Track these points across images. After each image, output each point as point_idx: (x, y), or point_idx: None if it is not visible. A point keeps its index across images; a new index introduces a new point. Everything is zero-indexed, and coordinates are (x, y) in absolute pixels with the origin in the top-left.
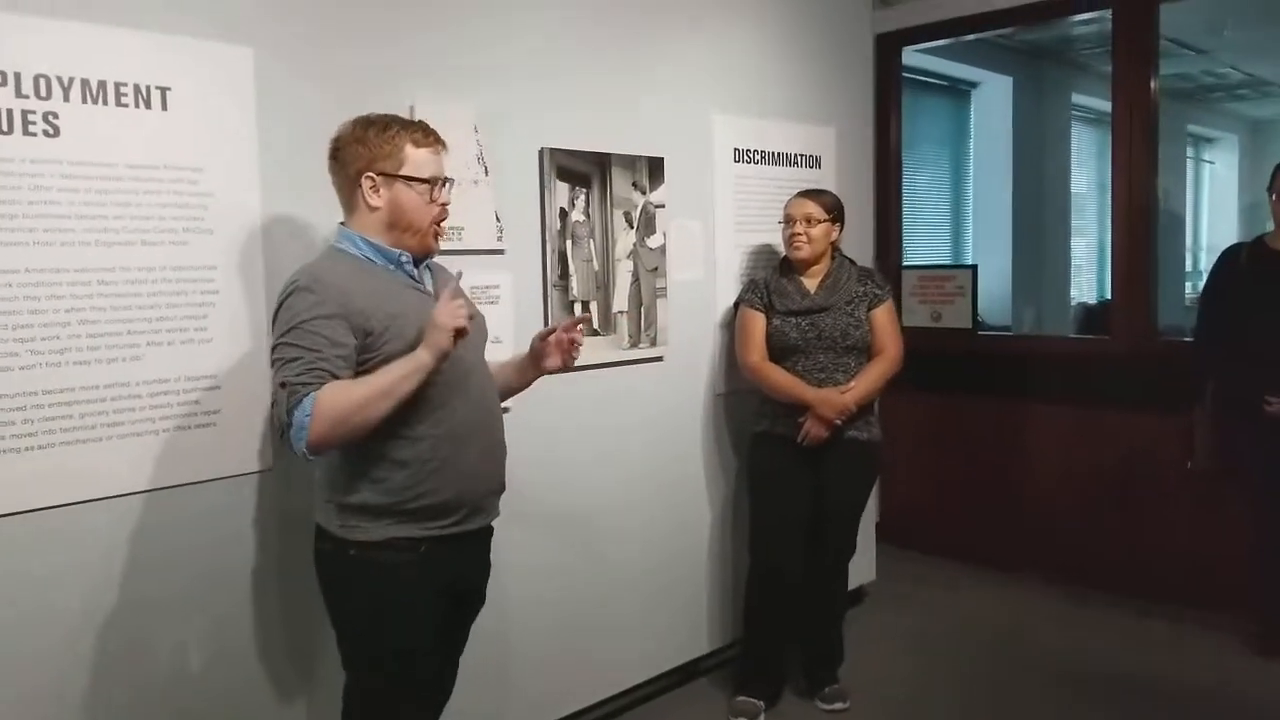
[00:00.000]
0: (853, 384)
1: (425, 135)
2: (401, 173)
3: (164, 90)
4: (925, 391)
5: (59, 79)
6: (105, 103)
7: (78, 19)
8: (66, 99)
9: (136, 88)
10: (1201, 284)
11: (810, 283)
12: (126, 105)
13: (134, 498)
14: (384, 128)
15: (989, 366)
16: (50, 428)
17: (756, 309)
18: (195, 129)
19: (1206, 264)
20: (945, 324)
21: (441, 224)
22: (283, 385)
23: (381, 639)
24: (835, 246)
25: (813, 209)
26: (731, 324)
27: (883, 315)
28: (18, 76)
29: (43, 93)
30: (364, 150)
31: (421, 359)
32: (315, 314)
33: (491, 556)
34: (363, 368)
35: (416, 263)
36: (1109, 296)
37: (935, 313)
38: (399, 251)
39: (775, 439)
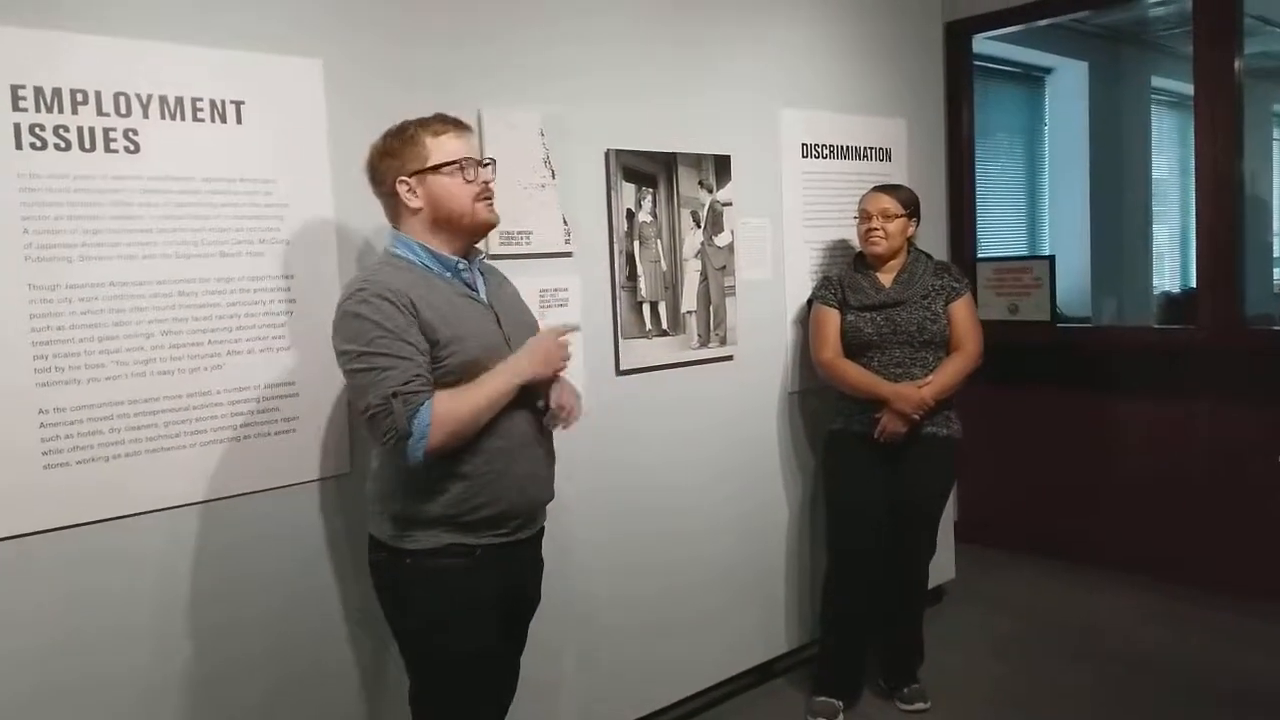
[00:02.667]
0: (930, 378)
1: (443, 124)
2: (429, 164)
3: (238, 104)
4: (1003, 386)
5: (138, 96)
6: (183, 118)
7: (155, 38)
8: (146, 116)
9: (212, 103)
10: None
11: (885, 277)
12: (203, 120)
13: (218, 503)
14: (401, 131)
15: (1069, 359)
16: (136, 436)
17: (831, 305)
18: (268, 141)
19: None
20: (1023, 316)
21: (487, 201)
22: (394, 395)
23: (442, 644)
24: (911, 241)
25: (889, 204)
26: (803, 321)
27: (961, 309)
28: (98, 95)
29: (123, 110)
30: (392, 160)
31: (523, 369)
32: (397, 321)
33: (566, 558)
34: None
35: (468, 263)
36: (1193, 285)
37: (1012, 305)
38: (456, 259)
39: (852, 437)
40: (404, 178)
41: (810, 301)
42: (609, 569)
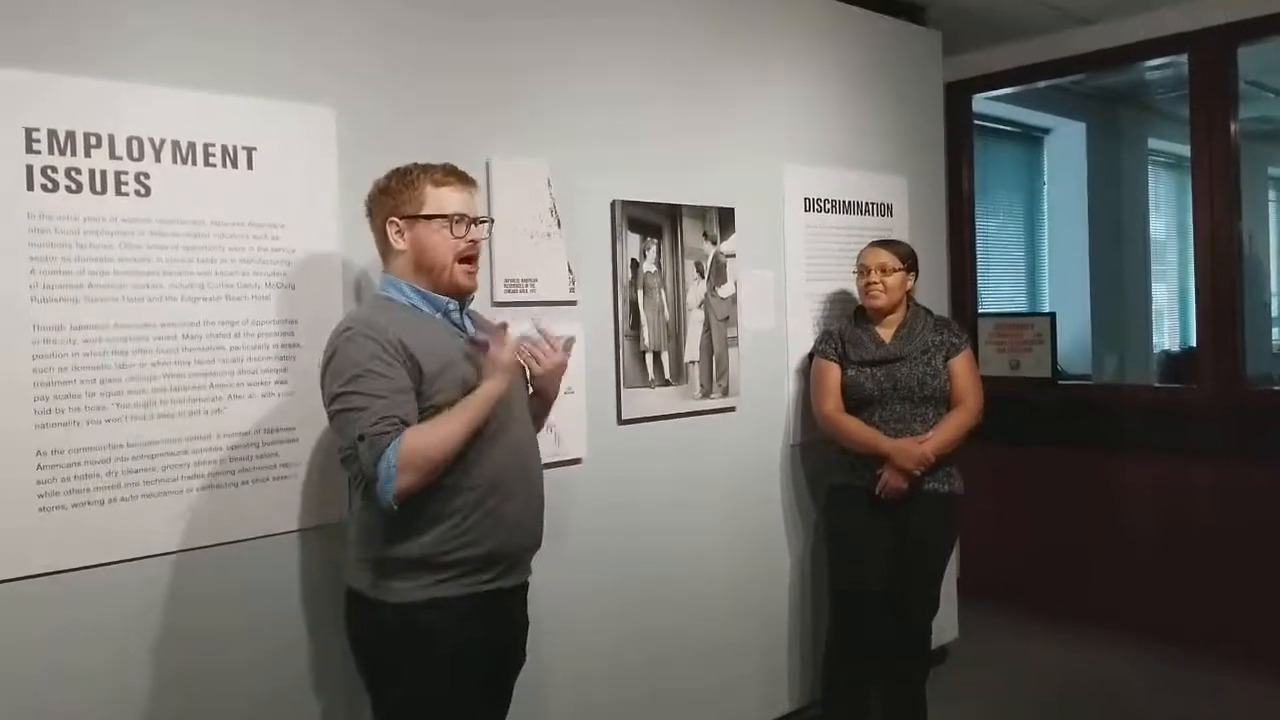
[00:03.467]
0: (931, 434)
1: (446, 175)
2: (422, 212)
3: (250, 150)
4: (1005, 442)
5: (151, 141)
6: (194, 163)
7: (170, 84)
8: (158, 160)
9: (224, 148)
10: None
11: (885, 332)
12: (214, 165)
13: (215, 550)
14: (405, 173)
15: (1070, 416)
16: (134, 480)
17: (831, 359)
18: (278, 187)
19: None
20: (1024, 373)
21: (472, 261)
22: (361, 438)
23: (423, 706)
24: (910, 296)
25: (887, 258)
26: (806, 372)
27: (961, 365)
28: (112, 139)
29: (135, 154)
30: (388, 199)
31: (491, 388)
32: (377, 360)
33: (557, 607)
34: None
35: (459, 303)
36: (1192, 344)
37: (1013, 361)
38: (446, 299)
39: (854, 491)
40: (395, 218)
41: (811, 355)
42: (603, 618)
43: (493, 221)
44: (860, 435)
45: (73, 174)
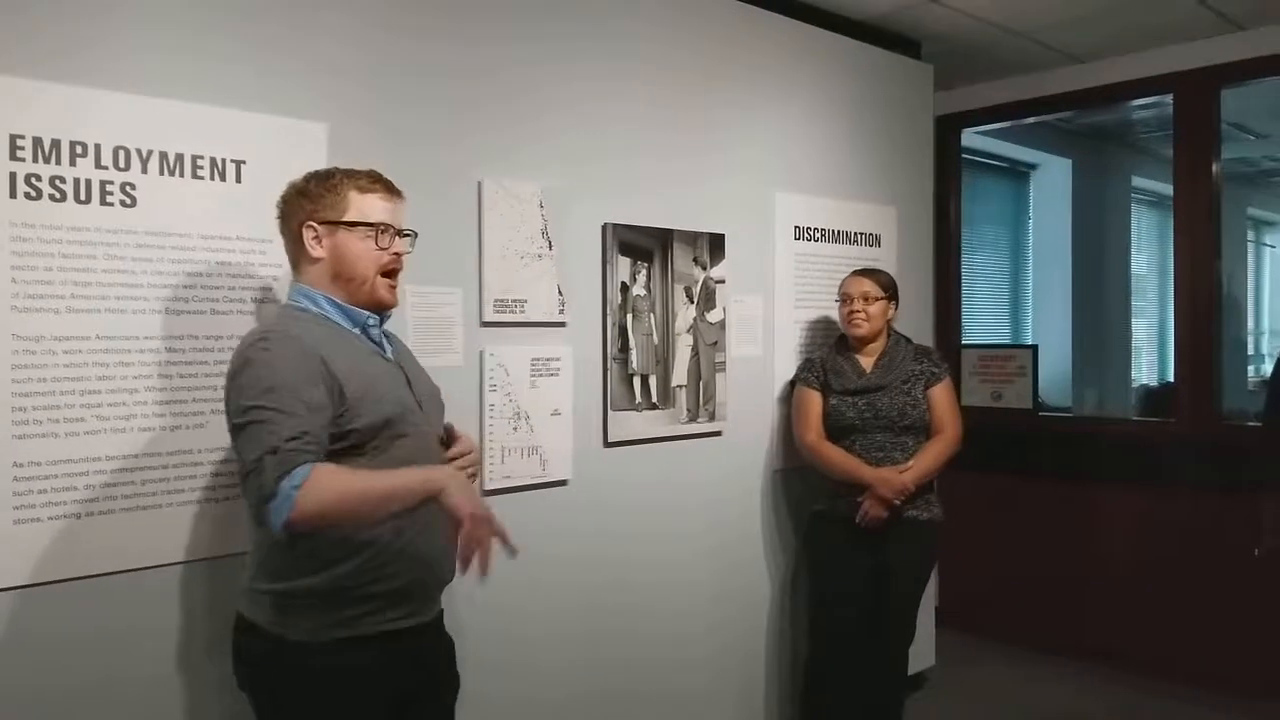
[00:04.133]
0: (911, 463)
1: (372, 181)
2: (344, 219)
3: (239, 163)
4: (986, 472)
5: (138, 151)
6: (182, 175)
7: (159, 95)
8: (145, 170)
9: (213, 160)
10: (1264, 368)
11: (866, 361)
12: (202, 177)
13: (193, 565)
14: (326, 176)
15: (1051, 448)
16: (112, 494)
17: (813, 388)
18: (267, 201)
19: (1269, 348)
20: (1006, 404)
21: (394, 275)
22: (273, 451)
23: None
24: (890, 324)
25: (869, 287)
26: (788, 400)
27: (941, 394)
28: (98, 148)
29: (121, 164)
30: (305, 202)
31: (437, 487)
32: (296, 375)
33: (535, 628)
34: (333, 446)
35: (378, 319)
36: (1170, 379)
37: (996, 392)
38: (366, 314)
39: (834, 519)
40: (312, 223)
41: (793, 383)
42: (578, 642)
43: (416, 235)
44: (842, 464)
45: (57, 183)
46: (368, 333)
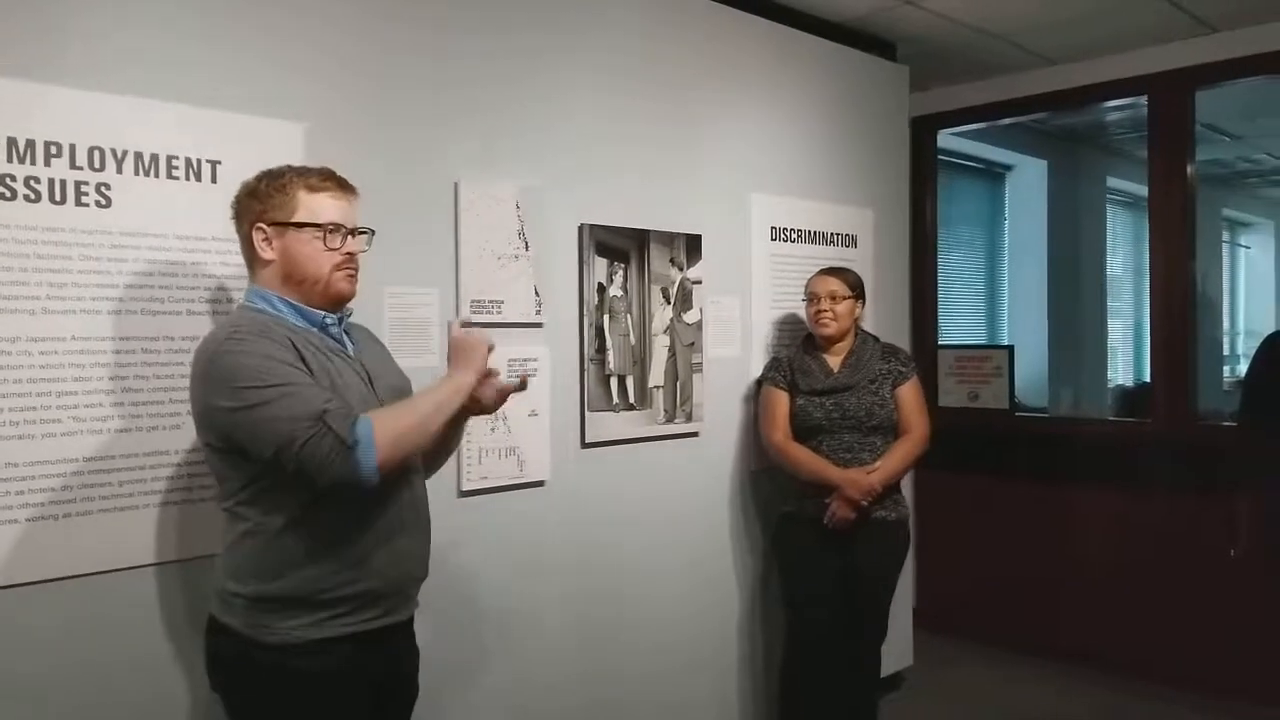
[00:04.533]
0: (879, 464)
1: (323, 180)
2: (293, 220)
3: (215, 164)
4: (963, 472)
5: (113, 151)
6: (157, 175)
7: (134, 94)
8: (120, 171)
9: (188, 161)
10: (1239, 368)
11: (834, 360)
12: (178, 178)
13: (170, 566)
14: (276, 175)
15: (1027, 448)
16: (89, 495)
17: (780, 387)
18: None
19: (1244, 348)
20: (982, 404)
21: (348, 271)
22: (322, 412)
23: None
24: (858, 323)
25: (837, 286)
26: (757, 399)
27: (908, 393)
28: (73, 148)
29: (96, 164)
30: (255, 203)
31: (461, 380)
32: (282, 356)
33: (509, 629)
34: None
35: (336, 318)
36: (1146, 379)
37: (973, 393)
38: (323, 314)
39: (802, 520)
40: (261, 224)
41: (759, 382)
42: (551, 640)
43: (373, 233)
44: (810, 465)
45: (31, 183)
46: (326, 331)
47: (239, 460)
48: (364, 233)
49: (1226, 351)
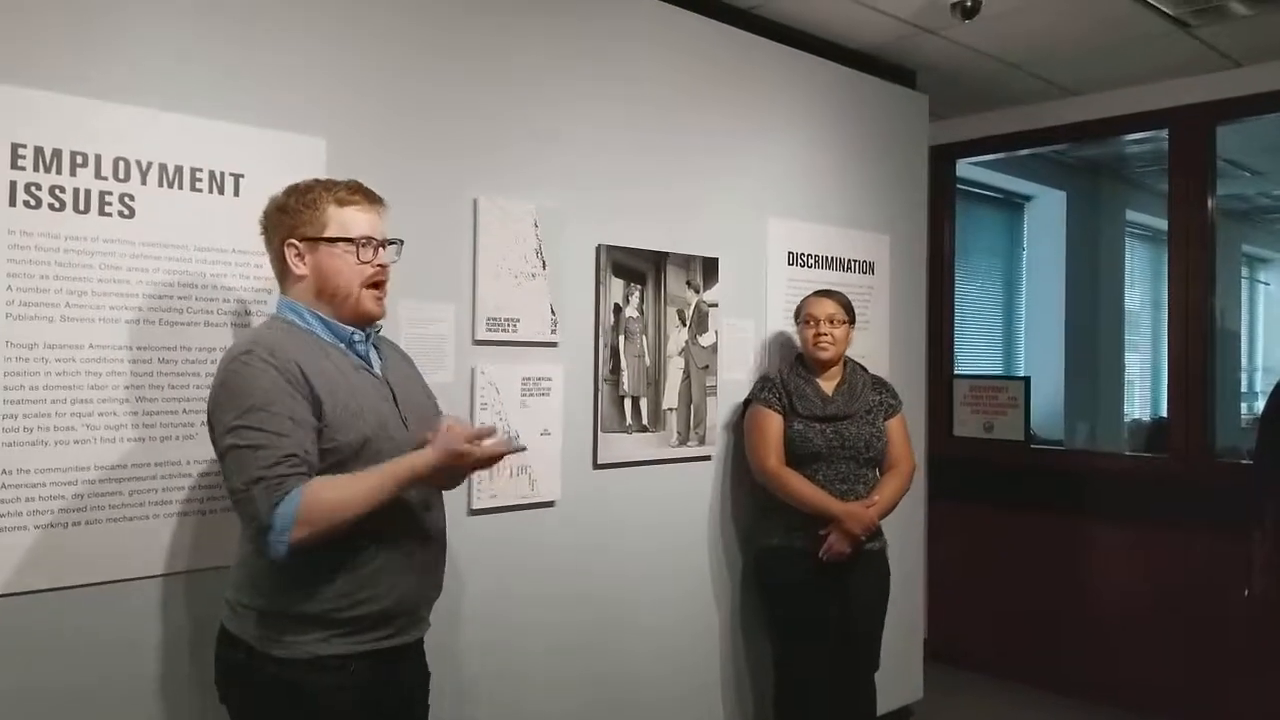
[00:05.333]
0: (875, 499)
1: (351, 193)
2: (324, 235)
3: (238, 177)
4: (977, 504)
5: (138, 162)
6: (181, 187)
7: (160, 108)
8: (144, 182)
9: (212, 174)
10: (1258, 405)
11: (827, 385)
12: (201, 190)
13: (179, 577)
14: (305, 190)
15: (1042, 481)
16: (99, 504)
17: (774, 409)
18: None
19: (1263, 384)
20: (997, 435)
21: (380, 286)
22: (258, 480)
23: None
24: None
25: (835, 309)
26: (744, 419)
27: (897, 426)
28: (98, 159)
29: (121, 175)
30: (286, 219)
31: (421, 470)
32: (278, 391)
33: (514, 648)
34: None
35: (364, 334)
36: (1163, 414)
37: (987, 424)
38: (350, 330)
39: (793, 553)
40: (293, 240)
41: (748, 401)
42: (560, 660)
43: (402, 243)
44: (810, 496)
45: (57, 192)
46: (354, 348)
47: None
48: (394, 243)
49: (1245, 389)
